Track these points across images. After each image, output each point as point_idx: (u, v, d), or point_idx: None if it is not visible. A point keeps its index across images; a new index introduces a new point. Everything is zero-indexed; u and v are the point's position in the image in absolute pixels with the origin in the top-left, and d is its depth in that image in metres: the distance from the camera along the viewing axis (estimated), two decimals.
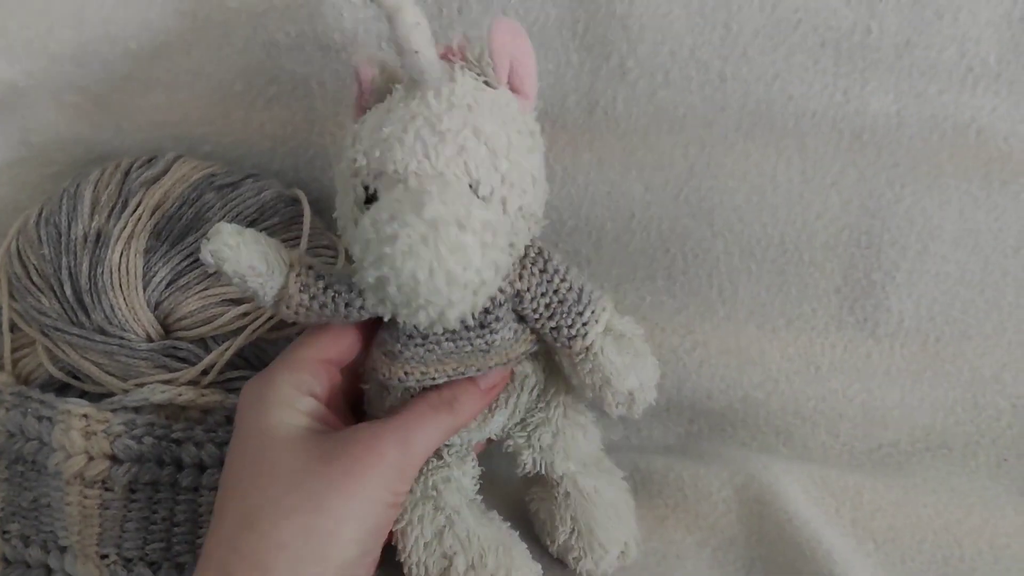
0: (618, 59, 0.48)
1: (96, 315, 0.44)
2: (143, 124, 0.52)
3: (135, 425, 0.44)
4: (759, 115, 0.49)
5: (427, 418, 0.40)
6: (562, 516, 0.46)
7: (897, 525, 0.50)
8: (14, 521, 0.45)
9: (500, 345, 0.41)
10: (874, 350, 0.54)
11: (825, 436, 0.55)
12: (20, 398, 0.45)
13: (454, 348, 0.40)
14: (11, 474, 0.45)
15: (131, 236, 0.45)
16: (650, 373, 0.41)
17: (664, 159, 0.51)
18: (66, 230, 0.46)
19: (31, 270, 0.46)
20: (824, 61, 0.48)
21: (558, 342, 0.41)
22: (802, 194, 0.51)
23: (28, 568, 0.44)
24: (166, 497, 0.45)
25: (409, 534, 0.42)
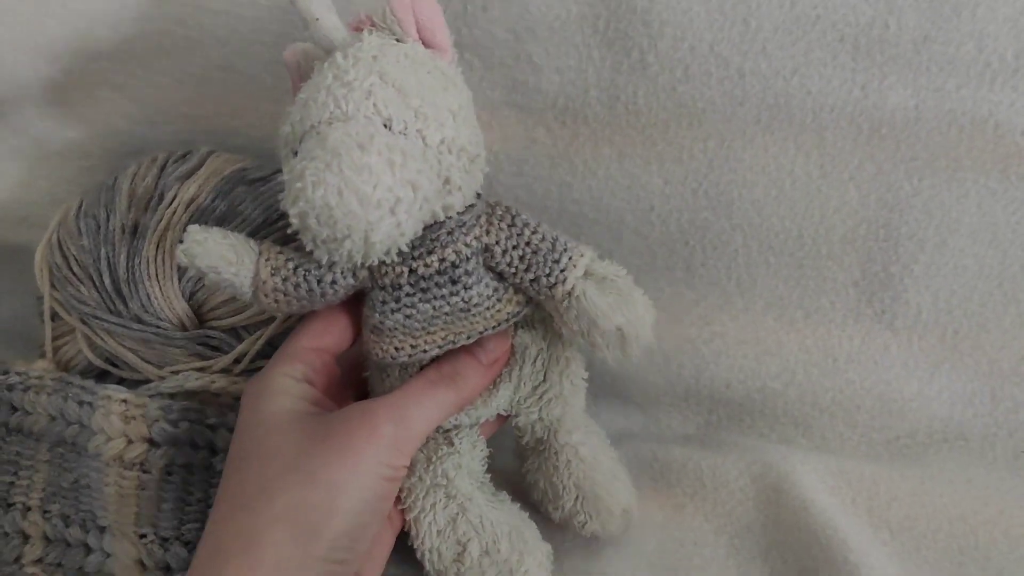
0: (639, 54, 0.49)
1: (133, 304, 0.46)
2: (176, 118, 0.53)
3: (171, 410, 0.46)
4: (778, 109, 0.50)
5: (425, 393, 0.41)
6: (565, 484, 0.47)
7: (913, 515, 0.50)
8: (55, 501, 0.47)
9: (480, 304, 0.41)
10: (892, 342, 0.55)
11: (843, 427, 0.56)
12: (61, 384, 0.47)
13: (432, 311, 0.41)
14: (52, 456, 0.47)
15: (166, 228, 0.47)
16: (639, 312, 0.40)
17: (684, 153, 0.51)
18: (104, 222, 0.47)
19: (71, 260, 0.48)
20: (842, 56, 0.48)
21: (540, 294, 0.42)
22: (820, 188, 0.52)
23: (68, 546, 0.46)
24: (200, 479, 0.46)
25: (422, 521, 0.43)
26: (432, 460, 0.44)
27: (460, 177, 0.38)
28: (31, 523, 0.46)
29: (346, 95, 0.36)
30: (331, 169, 0.33)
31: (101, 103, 0.53)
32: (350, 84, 0.36)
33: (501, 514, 0.44)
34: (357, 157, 0.33)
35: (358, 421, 0.39)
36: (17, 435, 0.48)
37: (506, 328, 0.43)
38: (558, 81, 0.50)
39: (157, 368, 0.47)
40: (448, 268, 0.40)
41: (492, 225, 0.41)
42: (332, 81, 0.37)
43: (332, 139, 0.34)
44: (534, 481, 0.49)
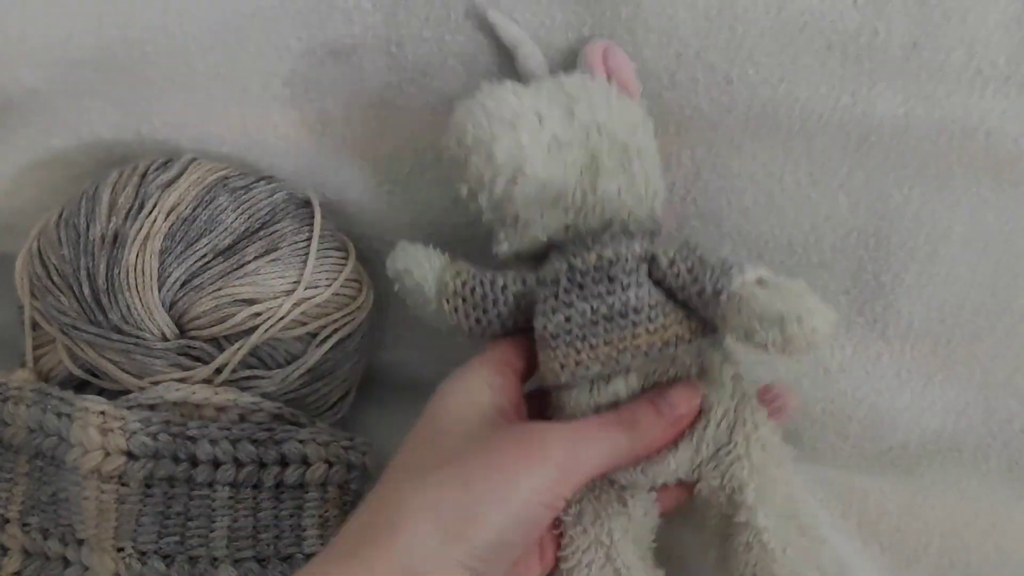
0: None
1: (113, 314, 0.46)
2: (161, 126, 0.53)
3: (151, 422, 0.46)
4: (766, 117, 0.49)
5: (601, 431, 0.40)
6: (741, 572, 0.42)
7: (904, 528, 0.50)
8: (34, 514, 0.47)
9: (640, 312, 0.41)
10: (884, 352, 0.54)
11: (834, 438, 0.55)
12: (40, 395, 0.47)
13: (591, 312, 0.41)
14: (31, 468, 0.47)
15: (147, 238, 0.47)
16: (808, 304, 0.37)
17: (671, 160, 0.51)
18: (84, 231, 0.47)
19: (51, 270, 0.48)
20: (831, 63, 0.48)
21: (708, 306, 0.41)
22: (810, 196, 0.51)
23: (47, 560, 0.46)
24: (181, 492, 0.46)
25: (574, 574, 0.42)
26: (601, 516, 0.43)
27: (610, 160, 0.43)
28: (10, 536, 0.46)
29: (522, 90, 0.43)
30: (472, 99, 0.42)
31: (85, 111, 0.53)
32: (540, 89, 0.44)
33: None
34: (491, 88, 0.42)
35: (530, 439, 0.38)
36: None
37: (694, 386, 0.42)
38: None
39: (137, 379, 0.47)
40: (605, 265, 0.42)
41: (662, 242, 0.44)
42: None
43: (481, 89, 0.42)
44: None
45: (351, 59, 0.51)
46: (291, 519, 0.46)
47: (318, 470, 0.47)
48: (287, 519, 0.46)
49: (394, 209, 0.54)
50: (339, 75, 0.51)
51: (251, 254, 0.47)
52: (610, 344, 0.41)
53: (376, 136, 0.52)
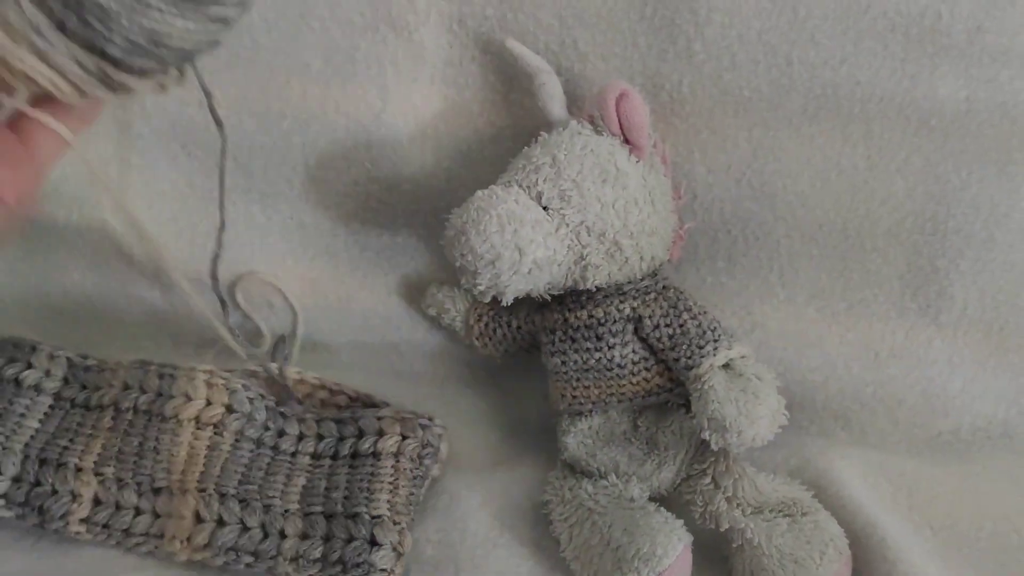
0: (685, 42, 0.49)
1: None
2: (223, 100, 0.53)
3: (250, 388, 0.51)
4: (825, 99, 0.49)
5: None
6: (740, 570, 0.46)
7: (955, 512, 0.50)
8: (110, 465, 0.49)
9: (624, 367, 0.47)
10: (936, 337, 0.54)
11: (884, 422, 0.55)
12: (140, 363, 0.52)
13: (581, 362, 0.48)
14: (116, 423, 0.50)
15: None
16: (759, 412, 0.42)
17: (728, 142, 0.51)
18: None
19: None
20: (893, 46, 0.48)
21: (680, 375, 0.46)
22: (867, 179, 0.51)
23: (118, 509, 0.48)
24: (265, 452, 0.50)
25: None
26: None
27: (598, 258, 0.45)
28: (83, 483, 0.48)
29: (523, 166, 0.46)
30: (462, 218, 0.44)
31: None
32: (530, 157, 0.46)
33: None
34: (478, 217, 0.43)
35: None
36: (80, 409, 0.51)
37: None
38: (603, 68, 0.50)
39: None
40: (595, 324, 0.47)
41: (653, 300, 0.48)
42: (526, 151, 0.47)
43: (478, 196, 0.44)
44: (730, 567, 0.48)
45: (413, 36, 0.51)
46: (362, 482, 0.48)
47: (391, 439, 0.49)
48: (359, 482, 0.48)
49: (453, 186, 0.54)
50: (400, 52, 0.52)
51: None
52: (600, 388, 0.48)
53: (436, 114, 0.53)
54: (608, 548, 0.44)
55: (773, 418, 0.43)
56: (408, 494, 0.48)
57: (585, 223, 0.45)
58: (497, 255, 0.43)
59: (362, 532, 0.46)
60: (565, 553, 0.46)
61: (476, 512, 0.49)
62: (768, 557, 0.44)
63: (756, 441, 0.42)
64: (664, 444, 0.48)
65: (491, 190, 0.45)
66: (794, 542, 0.44)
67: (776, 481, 0.48)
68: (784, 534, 0.45)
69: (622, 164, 0.46)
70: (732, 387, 0.43)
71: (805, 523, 0.45)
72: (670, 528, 0.44)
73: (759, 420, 0.42)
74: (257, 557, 0.46)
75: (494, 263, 0.43)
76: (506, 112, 0.52)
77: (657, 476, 0.48)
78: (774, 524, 0.45)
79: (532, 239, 0.43)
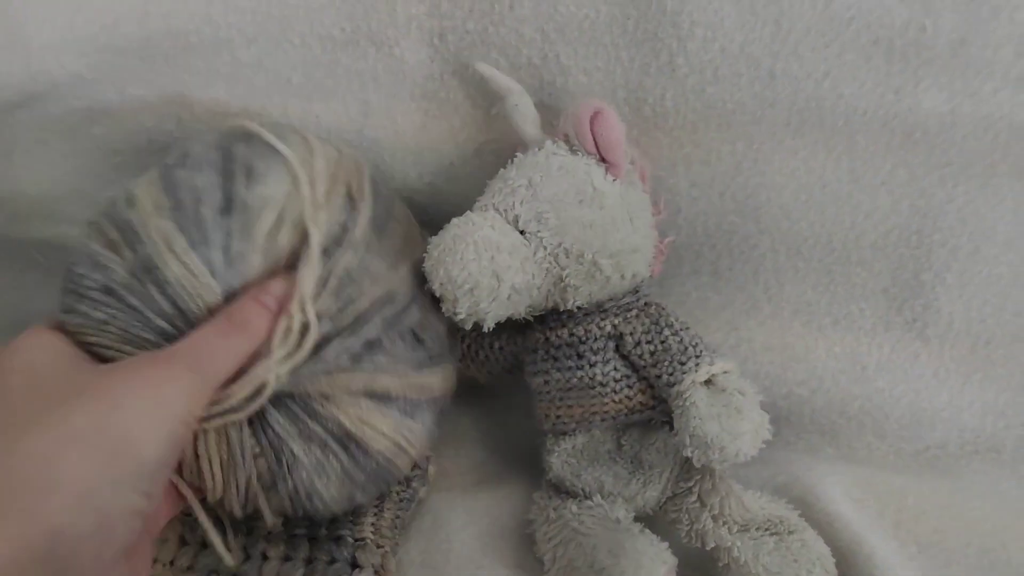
0: (668, 56, 0.49)
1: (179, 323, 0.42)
2: (203, 115, 0.53)
3: None
4: (809, 112, 0.49)
5: (219, 336, 0.40)
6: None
7: (942, 528, 0.49)
8: None
9: (606, 385, 0.47)
10: (922, 351, 0.54)
11: (871, 437, 0.55)
12: None
13: (564, 381, 0.48)
14: None
15: (162, 236, 0.42)
16: (742, 428, 0.42)
17: (712, 155, 0.51)
18: (110, 282, 0.42)
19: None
20: (876, 59, 0.48)
21: (662, 392, 0.45)
22: (851, 193, 0.51)
23: (203, 547, 0.47)
24: None
25: None
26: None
27: (577, 279, 0.45)
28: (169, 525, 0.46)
29: (500, 189, 0.46)
30: (441, 247, 0.43)
31: (128, 100, 0.53)
32: (506, 180, 0.46)
33: None
34: (455, 245, 0.42)
35: (154, 362, 0.38)
36: None
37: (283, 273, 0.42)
38: (586, 82, 0.50)
39: None
40: (576, 343, 0.47)
41: (635, 317, 0.47)
42: (502, 173, 0.47)
43: (454, 224, 0.43)
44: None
45: (393, 50, 0.51)
46: None
47: None
48: None
49: (435, 201, 0.54)
50: (380, 67, 0.51)
51: (242, 190, 0.43)
52: (583, 407, 0.47)
53: (418, 128, 0.52)
54: (592, 570, 0.43)
55: (756, 433, 0.42)
56: (393, 517, 0.47)
57: (563, 245, 0.44)
58: (475, 283, 0.42)
59: (344, 554, 0.45)
60: (549, 574, 0.45)
61: (460, 533, 0.49)
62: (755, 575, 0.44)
63: (739, 457, 0.42)
64: (649, 463, 0.48)
65: (467, 217, 0.44)
66: (781, 561, 0.44)
67: (763, 499, 0.48)
68: (771, 552, 0.44)
69: (599, 184, 0.45)
70: (714, 403, 0.43)
71: (792, 541, 0.45)
72: (655, 551, 0.43)
73: (742, 436, 0.41)
74: None
75: (472, 291, 0.42)
76: (488, 127, 0.52)
77: (642, 495, 0.47)
78: (761, 542, 0.45)
79: (509, 265, 0.43)
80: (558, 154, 0.46)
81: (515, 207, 0.45)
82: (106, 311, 0.41)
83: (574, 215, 0.44)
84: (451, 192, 0.53)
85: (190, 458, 0.43)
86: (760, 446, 0.42)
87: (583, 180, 0.45)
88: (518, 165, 0.47)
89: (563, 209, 0.44)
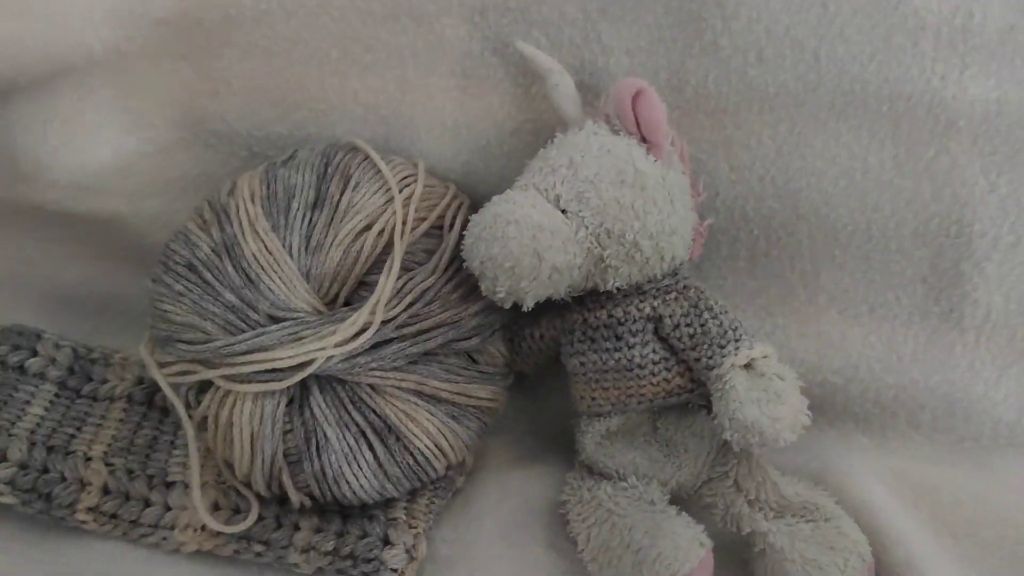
0: (711, 36, 0.48)
1: (262, 306, 0.44)
2: (240, 89, 0.53)
3: None
4: (852, 96, 0.48)
5: None
6: (761, 574, 0.45)
7: (977, 520, 0.49)
8: (120, 456, 0.48)
9: (644, 368, 0.46)
10: (958, 342, 0.53)
11: (905, 426, 0.54)
12: None
13: (601, 363, 0.47)
14: (127, 415, 0.50)
15: (251, 224, 0.46)
16: (781, 413, 0.41)
17: (752, 138, 0.50)
18: (194, 262, 0.46)
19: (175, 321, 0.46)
20: (923, 44, 0.47)
21: (701, 375, 0.45)
22: (892, 180, 0.50)
23: (127, 500, 0.47)
24: None
25: None
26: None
27: (617, 260, 0.44)
28: (93, 472, 0.47)
29: (541, 168, 0.45)
30: (482, 225, 0.43)
31: (164, 73, 0.53)
32: (547, 159, 0.45)
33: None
34: (496, 223, 0.42)
35: None
36: (87, 399, 0.51)
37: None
38: (627, 62, 0.50)
39: None
40: (614, 324, 0.47)
41: (674, 300, 0.46)
42: (542, 153, 0.47)
43: (495, 202, 0.43)
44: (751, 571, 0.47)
45: (434, 27, 0.51)
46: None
47: None
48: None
49: (470, 180, 0.53)
50: (420, 43, 0.51)
51: (336, 192, 0.47)
52: (619, 389, 0.47)
53: (456, 106, 0.52)
54: (628, 550, 0.43)
55: (796, 418, 0.42)
56: (428, 502, 0.47)
57: (604, 225, 0.44)
58: (516, 261, 0.42)
59: (376, 530, 0.45)
60: (583, 554, 0.45)
61: (491, 511, 0.49)
62: (791, 562, 0.43)
63: (779, 442, 0.41)
64: (684, 446, 0.47)
65: (508, 195, 0.44)
66: (817, 548, 0.43)
67: (799, 485, 0.47)
68: (807, 539, 0.44)
69: (640, 164, 0.45)
70: (753, 387, 0.42)
71: (828, 528, 0.44)
72: (693, 533, 0.43)
73: (781, 420, 0.41)
74: (268, 546, 0.45)
75: (513, 269, 0.42)
76: (527, 106, 0.52)
77: (677, 478, 0.47)
78: (797, 529, 0.44)
79: (551, 244, 0.42)
80: (599, 134, 0.46)
81: (556, 186, 0.44)
82: (184, 284, 0.45)
83: (615, 195, 0.44)
84: (486, 172, 0.53)
85: (224, 424, 0.44)
86: (799, 431, 0.42)
87: (625, 160, 0.45)
88: (559, 144, 0.46)
89: (604, 189, 0.44)
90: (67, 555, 0.46)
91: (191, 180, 0.56)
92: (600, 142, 0.45)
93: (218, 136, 0.54)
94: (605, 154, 0.45)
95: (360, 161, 0.49)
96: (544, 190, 0.44)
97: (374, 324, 0.44)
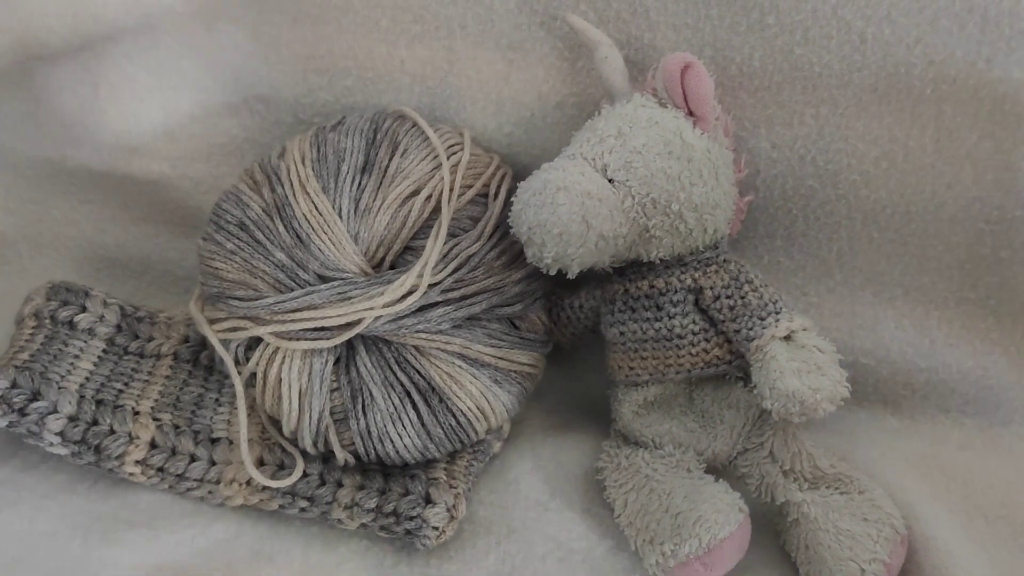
0: (758, 14, 0.49)
1: (312, 265, 0.45)
2: (289, 56, 0.54)
3: None
4: (897, 78, 0.49)
5: None
6: (794, 544, 0.45)
7: (1009, 502, 0.49)
8: (167, 411, 0.49)
9: (684, 338, 0.47)
10: (994, 329, 0.53)
11: (935, 410, 0.54)
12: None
13: (640, 332, 0.48)
14: (175, 372, 0.51)
15: (303, 185, 0.47)
16: (821, 383, 0.42)
17: (795, 117, 0.51)
18: (246, 222, 0.47)
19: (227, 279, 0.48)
20: (970, 26, 0.47)
21: (741, 347, 0.45)
22: (934, 163, 0.50)
23: (173, 454, 0.48)
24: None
25: None
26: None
27: (661, 231, 0.45)
28: (141, 426, 0.48)
29: (589, 139, 0.46)
30: (531, 191, 0.43)
31: (217, 35, 0.54)
32: (595, 129, 0.46)
33: None
34: (545, 188, 0.43)
35: None
36: (134, 356, 0.52)
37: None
38: (674, 38, 0.50)
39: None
40: (655, 294, 0.47)
41: (714, 272, 0.47)
42: (590, 123, 0.47)
43: (545, 168, 0.44)
44: (782, 542, 0.47)
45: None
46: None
47: None
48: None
49: (512, 152, 0.54)
50: (469, 14, 0.52)
51: (385, 158, 0.48)
52: (657, 359, 0.48)
53: (501, 78, 0.53)
54: (667, 514, 0.43)
55: (835, 389, 0.42)
56: (467, 464, 0.48)
57: (650, 195, 0.45)
58: (565, 227, 0.42)
59: (418, 489, 0.46)
60: (620, 519, 0.46)
61: (527, 476, 0.49)
62: (825, 532, 0.43)
63: (818, 412, 0.42)
64: (720, 417, 0.48)
65: (557, 163, 0.45)
66: (851, 518, 0.44)
67: (833, 457, 0.48)
68: (840, 510, 0.44)
69: (687, 137, 0.46)
70: (794, 358, 0.43)
71: (862, 500, 0.45)
72: (731, 498, 0.44)
73: (821, 391, 0.41)
74: (312, 502, 0.46)
75: (561, 235, 0.43)
76: (572, 79, 0.52)
77: (712, 449, 0.48)
78: (831, 500, 0.45)
79: (599, 212, 0.43)
80: (647, 106, 0.47)
81: (604, 156, 0.45)
82: (236, 243, 0.47)
83: (662, 166, 0.45)
84: (529, 143, 0.54)
85: (273, 381, 0.45)
86: (839, 403, 0.42)
87: (672, 132, 0.45)
88: (607, 115, 0.47)
89: (652, 160, 0.45)
90: (115, 506, 0.47)
91: (236, 146, 0.57)
92: (648, 114, 0.46)
93: (265, 101, 0.55)
94: (653, 125, 0.45)
95: (408, 128, 0.50)
96: (592, 159, 0.45)
97: (421, 287, 0.45)
